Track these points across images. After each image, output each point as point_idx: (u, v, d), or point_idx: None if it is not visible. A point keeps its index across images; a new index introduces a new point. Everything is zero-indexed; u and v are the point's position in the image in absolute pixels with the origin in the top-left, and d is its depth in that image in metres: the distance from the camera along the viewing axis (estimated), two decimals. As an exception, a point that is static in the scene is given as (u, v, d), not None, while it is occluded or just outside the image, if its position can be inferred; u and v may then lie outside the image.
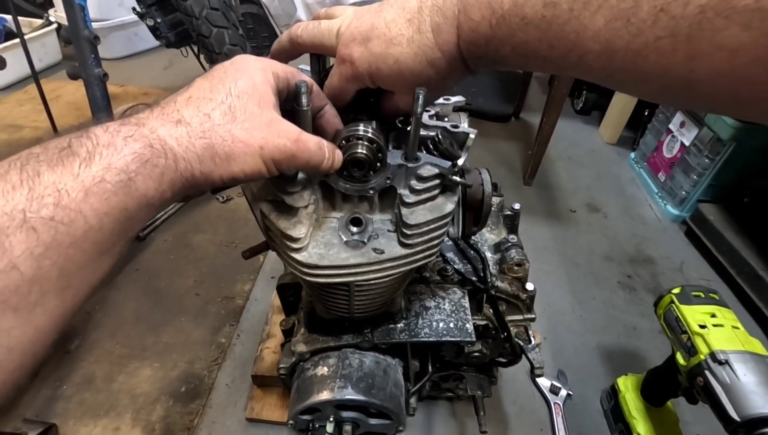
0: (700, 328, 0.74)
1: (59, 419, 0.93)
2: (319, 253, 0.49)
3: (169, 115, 0.30)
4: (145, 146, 0.27)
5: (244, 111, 0.32)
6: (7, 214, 0.22)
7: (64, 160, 0.25)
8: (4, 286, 0.22)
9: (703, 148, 1.52)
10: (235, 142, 0.31)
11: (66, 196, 0.24)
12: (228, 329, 1.15)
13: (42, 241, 0.23)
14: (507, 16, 0.29)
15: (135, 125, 0.28)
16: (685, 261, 1.49)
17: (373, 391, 0.66)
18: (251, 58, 0.36)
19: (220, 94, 0.32)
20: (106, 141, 0.26)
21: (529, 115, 2.28)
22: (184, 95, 0.33)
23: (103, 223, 0.26)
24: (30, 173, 0.24)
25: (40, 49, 2.35)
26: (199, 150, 0.30)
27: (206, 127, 0.30)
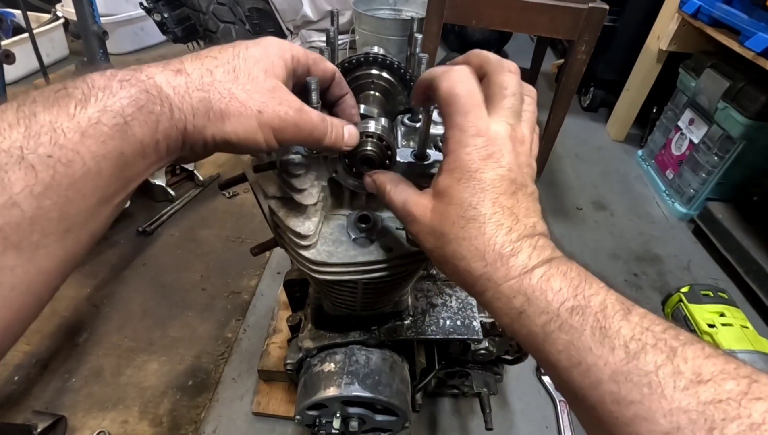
0: (708, 327, 0.74)
1: (68, 411, 0.95)
2: (328, 250, 0.49)
3: (170, 65, 0.30)
4: (141, 91, 0.27)
5: (248, 74, 0.32)
6: (4, 151, 0.22)
7: (60, 101, 0.25)
8: (5, 222, 0.22)
9: (712, 146, 1.51)
10: (232, 100, 0.31)
11: (62, 135, 0.24)
12: (234, 324, 1.16)
13: (41, 179, 0.23)
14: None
15: (132, 70, 0.28)
16: (693, 259, 1.48)
17: (380, 387, 0.66)
18: (273, 39, 0.35)
19: (227, 55, 0.32)
20: (101, 84, 0.26)
21: (535, 112, 2.26)
22: (192, 54, 0.32)
23: (101, 166, 0.26)
24: (26, 113, 0.24)
25: (48, 44, 2.36)
26: (194, 101, 0.29)
27: (206, 81, 0.30)
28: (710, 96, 1.52)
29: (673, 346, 0.25)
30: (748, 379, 0.23)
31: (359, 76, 0.52)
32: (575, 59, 1.41)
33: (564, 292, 0.29)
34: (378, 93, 0.54)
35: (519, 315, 0.30)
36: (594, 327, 0.27)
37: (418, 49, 0.53)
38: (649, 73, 1.85)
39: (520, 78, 0.35)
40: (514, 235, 0.31)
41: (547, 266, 0.30)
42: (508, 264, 0.30)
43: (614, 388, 0.25)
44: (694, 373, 0.24)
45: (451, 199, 0.33)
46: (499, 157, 0.32)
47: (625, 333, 0.26)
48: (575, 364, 0.27)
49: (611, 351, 0.26)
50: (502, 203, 0.32)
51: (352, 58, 0.51)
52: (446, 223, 0.33)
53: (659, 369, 0.24)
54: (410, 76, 0.52)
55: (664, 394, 0.24)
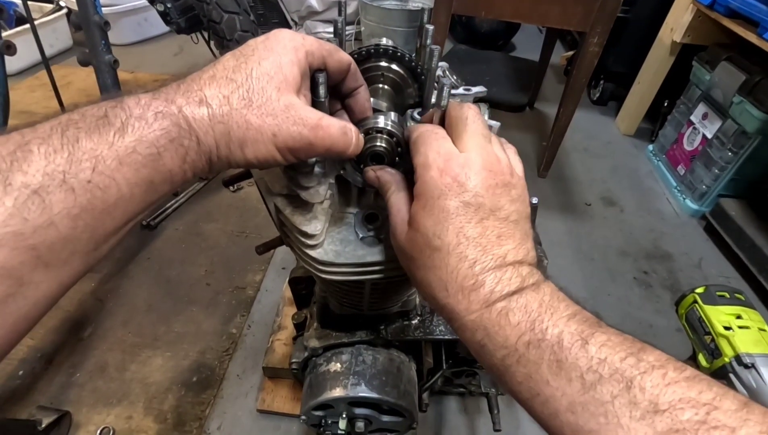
0: (725, 329, 0.72)
1: (73, 407, 0.94)
2: (335, 250, 0.47)
3: (193, 94, 0.30)
4: (173, 124, 0.29)
5: (261, 95, 0.31)
6: (48, 175, 0.24)
7: (101, 128, 0.26)
8: (41, 241, 0.24)
9: (726, 141, 1.47)
10: (249, 128, 0.31)
11: (102, 162, 0.26)
12: (239, 320, 1.15)
13: (78, 202, 0.25)
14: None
15: (165, 101, 0.29)
16: (704, 257, 1.45)
17: (387, 388, 0.64)
18: (285, 34, 0.34)
19: (241, 74, 0.32)
20: (138, 114, 0.28)
21: (543, 106, 2.23)
22: (209, 72, 0.32)
23: (133, 192, 0.27)
24: (70, 138, 0.25)
25: (51, 34, 2.34)
26: (217, 134, 0.31)
27: (224, 111, 0.31)
28: (725, 90, 1.48)
29: (631, 376, 0.25)
30: (708, 406, 0.23)
31: (368, 69, 0.50)
32: (587, 51, 1.38)
33: (522, 326, 0.29)
34: (387, 86, 0.52)
35: (481, 348, 0.31)
36: (551, 360, 0.27)
37: (429, 40, 0.51)
38: (662, 66, 1.81)
39: (480, 115, 0.36)
40: (477, 267, 0.31)
41: (507, 300, 0.30)
42: (468, 298, 0.31)
43: (572, 418, 0.26)
44: (650, 402, 0.24)
45: (417, 227, 0.33)
46: (464, 180, 0.32)
47: (582, 364, 0.26)
48: (534, 396, 0.28)
49: (568, 383, 0.27)
50: (467, 234, 0.31)
51: (361, 50, 0.49)
52: (415, 249, 0.34)
53: (615, 399, 0.25)
54: (420, 69, 0.50)
55: (621, 424, 0.24)
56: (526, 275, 0.31)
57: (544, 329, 0.28)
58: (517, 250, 0.32)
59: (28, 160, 0.24)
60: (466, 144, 0.34)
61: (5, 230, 0.22)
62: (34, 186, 0.23)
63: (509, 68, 2.46)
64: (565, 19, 1.34)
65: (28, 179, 0.23)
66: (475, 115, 0.35)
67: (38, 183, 0.24)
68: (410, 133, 0.39)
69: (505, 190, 0.33)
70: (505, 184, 0.33)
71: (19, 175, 0.23)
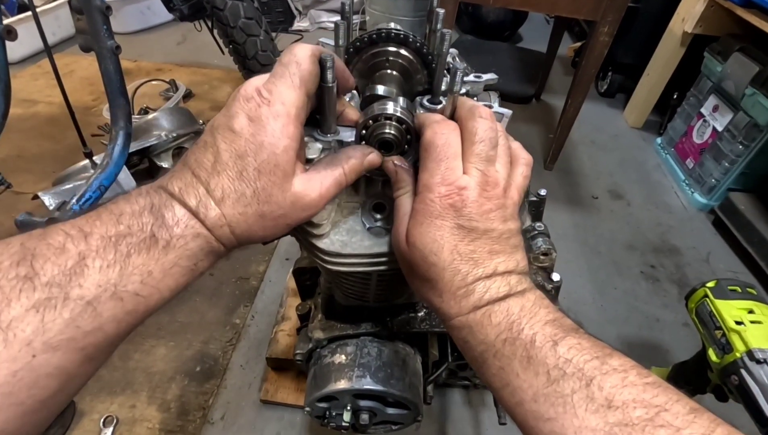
0: (736, 324, 0.71)
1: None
2: (342, 240, 0.46)
3: (217, 219, 0.33)
4: (206, 242, 0.33)
5: (269, 203, 0.34)
6: (102, 287, 0.28)
7: (149, 247, 0.30)
8: (90, 343, 0.27)
9: (737, 134, 1.45)
10: (266, 230, 0.36)
11: (149, 275, 0.30)
12: (242, 310, 1.15)
13: (126, 309, 0.29)
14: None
15: (199, 222, 0.33)
16: (712, 252, 1.43)
17: (392, 381, 0.64)
18: (266, 111, 0.33)
19: (249, 187, 0.33)
20: (178, 233, 0.32)
21: (550, 97, 2.20)
22: (219, 185, 0.33)
23: (172, 293, 0.33)
24: (123, 253, 0.29)
25: (54, 22, 2.32)
26: (241, 240, 0.36)
27: (243, 228, 0.35)
28: (737, 81, 1.45)
29: (591, 376, 0.28)
30: (659, 408, 0.26)
31: (375, 54, 0.49)
32: (597, 41, 1.35)
33: (501, 326, 0.33)
34: (396, 72, 0.50)
35: (464, 343, 0.35)
36: (522, 356, 0.31)
37: (440, 24, 0.49)
38: (672, 57, 1.78)
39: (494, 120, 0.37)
40: (469, 278, 0.34)
41: (491, 305, 0.34)
42: (459, 303, 0.35)
43: (534, 407, 0.30)
44: (606, 399, 0.27)
45: (415, 242, 0.36)
46: (461, 207, 0.34)
47: (549, 362, 0.30)
48: (504, 386, 0.32)
49: (535, 376, 0.30)
50: (461, 251, 0.34)
51: (366, 35, 0.47)
52: (413, 260, 0.37)
53: (574, 394, 0.28)
54: (430, 54, 0.48)
55: (576, 414, 0.28)
56: (514, 284, 0.35)
57: (520, 329, 0.32)
58: (507, 262, 0.35)
59: (84, 274, 0.27)
60: (469, 168, 0.35)
61: (61, 338, 0.26)
62: (89, 298, 0.27)
63: (516, 59, 2.42)
64: (575, 7, 1.31)
65: (83, 292, 0.27)
66: (485, 132, 0.36)
67: (92, 295, 0.27)
68: (423, 126, 0.38)
69: (498, 212, 0.35)
70: (500, 207, 0.36)
71: (76, 289, 0.27)
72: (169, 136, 1.29)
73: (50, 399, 0.27)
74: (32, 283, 0.26)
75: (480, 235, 0.35)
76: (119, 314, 0.29)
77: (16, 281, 0.26)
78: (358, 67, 0.50)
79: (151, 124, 1.32)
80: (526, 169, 0.40)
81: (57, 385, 0.27)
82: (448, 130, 0.36)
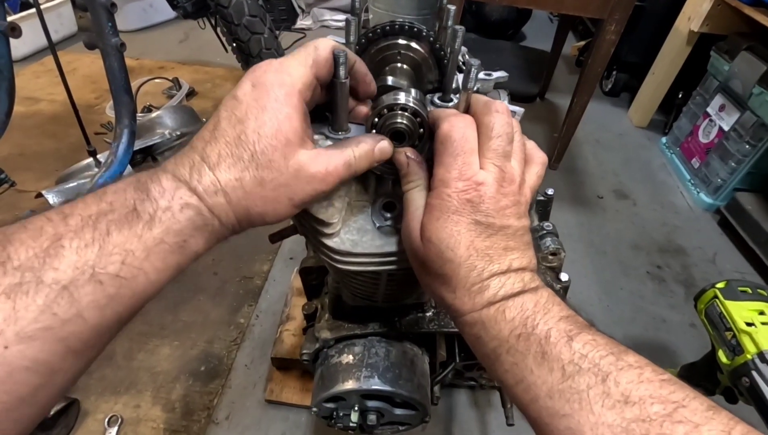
0: (747, 325, 0.70)
1: (81, 394, 0.94)
2: (352, 239, 0.45)
3: (210, 185, 0.31)
4: (197, 214, 0.30)
5: (270, 169, 0.32)
6: (79, 269, 0.25)
7: (130, 222, 0.28)
8: (71, 332, 0.25)
9: (744, 134, 1.44)
10: (266, 202, 0.33)
11: (131, 255, 0.27)
12: (246, 309, 1.14)
13: (107, 293, 0.26)
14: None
15: (188, 190, 0.30)
16: (719, 252, 1.42)
17: (401, 381, 0.63)
18: (272, 80, 0.33)
19: (245, 151, 0.32)
20: (164, 205, 0.29)
21: (555, 96, 2.19)
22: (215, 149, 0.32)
23: (160, 277, 0.29)
24: (101, 232, 0.27)
25: (56, 20, 2.32)
26: (238, 215, 0.33)
27: (240, 195, 0.32)
28: (745, 80, 1.44)
29: (608, 371, 0.28)
30: (677, 404, 0.25)
31: (386, 47, 0.48)
32: (603, 40, 1.34)
33: (515, 322, 0.32)
34: (406, 65, 0.49)
35: (477, 340, 0.34)
36: (536, 352, 0.30)
37: (451, 21, 0.49)
38: (678, 56, 1.77)
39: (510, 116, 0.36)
40: (485, 274, 0.34)
41: (506, 301, 0.33)
42: (474, 299, 0.34)
43: (549, 403, 0.29)
44: (622, 395, 0.27)
45: (430, 237, 0.35)
46: (478, 202, 0.34)
47: (564, 358, 0.29)
48: (518, 382, 0.31)
49: (549, 372, 0.29)
50: (477, 246, 0.34)
51: (379, 27, 0.46)
52: (428, 256, 0.36)
53: (590, 389, 0.27)
54: (443, 50, 0.47)
55: (592, 410, 0.27)
56: (528, 281, 0.34)
57: (535, 325, 0.31)
58: (521, 259, 0.35)
59: (59, 256, 0.25)
60: (486, 163, 0.35)
61: (36, 326, 0.24)
62: (65, 282, 0.25)
63: (520, 58, 2.41)
64: (582, 5, 1.30)
65: (59, 275, 0.25)
66: (501, 127, 0.35)
67: (68, 278, 0.25)
68: (438, 119, 0.37)
69: (514, 209, 0.35)
70: (515, 204, 0.35)
71: (50, 272, 0.24)
72: (173, 135, 1.28)
73: (31, 396, 0.24)
74: (3, 268, 0.24)
75: (496, 231, 0.34)
76: (100, 299, 0.26)
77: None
78: (368, 60, 0.49)
79: (154, 122, 1.31)
80: (540, 169, 0.39)
81: (38, 381, 0.24)
82: (465, 124, 0.35)
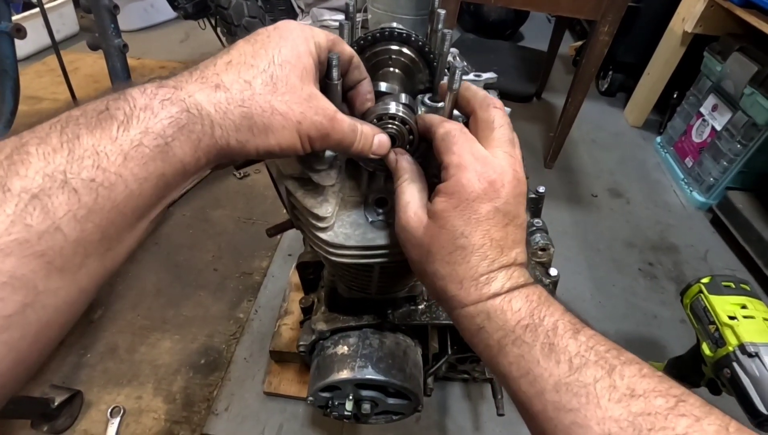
0: (729, 319, 0.72)
1: (84, 386, 0.96)
2: (345, 233, 0.47)
3: (208, 80, 0.29)
4: (182, 111, 0.27)
5: (285, 82, 0.31)
6: (48, 176, 0.22)
7: (103, 123, 0.25)
8: (49, 247, 0.22)
9: (736, 133, 1.46)
10: (275, 114, 0.30)
11: (105, 159, 0.24)
12: (246, 304, 1.17)
13: (84, 203, 0.23)
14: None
15: (173, 88, 0.27)
16: (710, 250, 1.45)
17: (393, 371, 0.66)
18: (295, 25, 0.34)
19: (262, 61, 0.31)
20: (143, 104, 0.26)
21: (551, 96, 2.21)
22: (224, 58, 0.31)
23: (143, 188, 0.26)
24: (69, 136, 0.24)
25: (58, 19, 2.34)
26: (237, 118, 0.29)
27: (246, 96, 0.29)
28: (736, 81, 1.46)
29: (613, 364, 0.28)
30: (677, 398, 0.26)
31: (378, 53, 0.50)
32: (597, 41, 1.36)
33: (522, 312, 0.32)
34: (398, 70, 0.52)
35: (479, 330, 0.33)
36: (543, 343, 0.30)
37: (441, 24, 0.51)
38: (672, 57, 1.79)
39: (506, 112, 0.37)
40: (495, 265, 0.33)
41: (513, 291, 0.33)
42: (480, 291, 0.33)
43: (556, 397, 0.28)
44: (628, 388, 0.27)
45: (444, 224, 0.34)
46: (499, 186, 0.33)
47: (571, 350, 0.29)
48: (523, 374, 0.30)
49: (556, 364, 0.29)
50: (492, 236, 0.33)
51: (370, 34, 0.49)
52: (435, 243, 0.34)
53: (597, 382, 0.27)
54: (432, 53, 0.50)
55: (599, 404, 0.27)
56: (527, 275, 0.35)
57: (542, 317, 0.31)
58: (522, 253, 0.35)
59: (25, 162, 0.22)
60: (495, 150, 0.35)
61: (9, 239, 0.21)
62: (34, 190, 0.22)
63: (517, 58, 2.43)
64: (576, 6, 1.32)
65: (26, 183, 0.22)
66: (502, 119, 0.36)
67: (38, 186, 0.22)
68: (432, 125, 0.38)
69: (522, 198, 0.35)
70: (523, 193, 0.35)
71: (16, 180, 0.22)
72: (174, 133, 1.30)
73: (19, 315, 0.22)
74: None
75: (510, 220, 0.34)
76: (77, 210, 0.23)
77: None
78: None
79: (156, 121, 1.33)
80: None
81: (21, 298, 0.22)
82: (460, 126, 0.36)
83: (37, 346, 0.24)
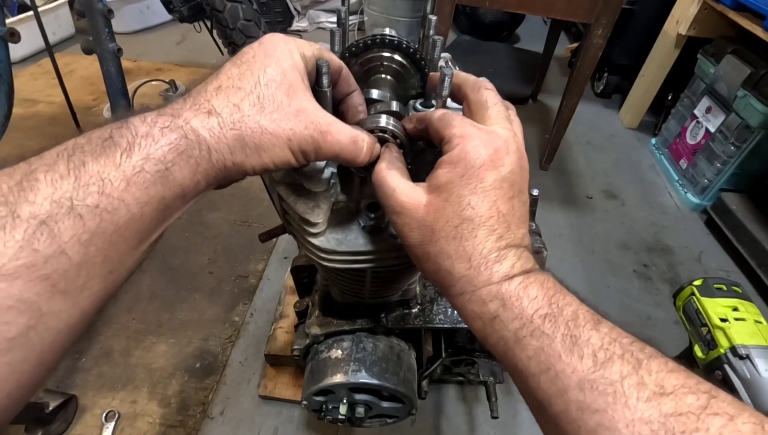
0: (721, 321, 0.73)
1: (79, 390, 0.96)
2: (337, 238, 0.48)
3: (200, 106, 0.30)
4: (180, 137, 0.28)
5: (272, 101, 0.32)
6: (56, 202, 0.24)
7: (107, 150, 0.26)
8: (54, 270, 0.24)
9: (729, 135, 1.47)
10: (264, 133, 0.31)
11: (109, 184, 0.25)
12: (241, 308, 1.17)
13: (88, 227, 0.25)
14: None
15: (170, 115, 0.29)
16: (704, 251, 1.45)
17: (387, 375, 0.66)
18: (279, 40, 0.34)
19: (248, 82, 0.32)
20: (144, 132, 0.27)
21: (547, 98, 2.22)
22: (213, 84, 0.32)
23: (144, 211, 0.27)
24: (76, 163, 0.25)
25: (54, 22, 2.33)
26: (230, 141, 0.30)
27: (236, 119, 0.30)
28: (730, 83, 1.47)
29: (639, 358, 0.25)
30: (708, 395, 0.24)
31: (370, 59, 0.51)
32: (591, 43, 1.37)
33: (539, 300, 0.29)
34: (389, 76, 0.52)
35: (492, 320, 0.30)
36: (565, 335, 0.27)
37: (432, 30, 0.51)
38: (667, 59, 1.80)
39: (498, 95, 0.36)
40: (503, 242, 0.31)
41: (525, 275, 0.30)
42: (491, 269, 0.31)
43: (580, 396, 0.26)
44: (657, 385, 0.24)
45: (449, 195, 0.32)
46: (504, 155, 0.32)
47: (594, 342, 0.27)
48: (544, 370, 0.28)
49: (580, 359, 0.26)
50: (499, 208, 0.32)
51: (361, 41, 0.49)
52: (440, 219, 0.33)
53: (624, 379, 0.25)
54: (423, 60, 0.50)
55: (628, 404, 0.24)
56: (535, 261, 0.32)
57: (561, 306, 0.29)
58: (528, 235, 0.33)
59: (34, 189, 0.24)
60: (494, 127, 0.34)
61: (17, 263, 0.22)
62: (42, 216, 0.23)
63: (513, 60, 2.44)
64: (570, 10, 1.33)
65: (35, 209, 0.23)
66: (495, 98, 0.36)
67: (46, 212, 0.23)
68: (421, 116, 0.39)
69: (526, 174, 0.34)
70: (526, 169, 0.34)
71: (26, 206, 0.23)
72: (169, 136, 1.30)
73: (22, 337, 0.23)
74: None
75: (515, 193, 0.33)
76: (81, 234, 0.24)
77: None
78: (353, 72, 0.52)
79: (151, 124, 1.33)
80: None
81: (26, 321, 0.23)
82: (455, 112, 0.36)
83: (39, 367, 0.24)
